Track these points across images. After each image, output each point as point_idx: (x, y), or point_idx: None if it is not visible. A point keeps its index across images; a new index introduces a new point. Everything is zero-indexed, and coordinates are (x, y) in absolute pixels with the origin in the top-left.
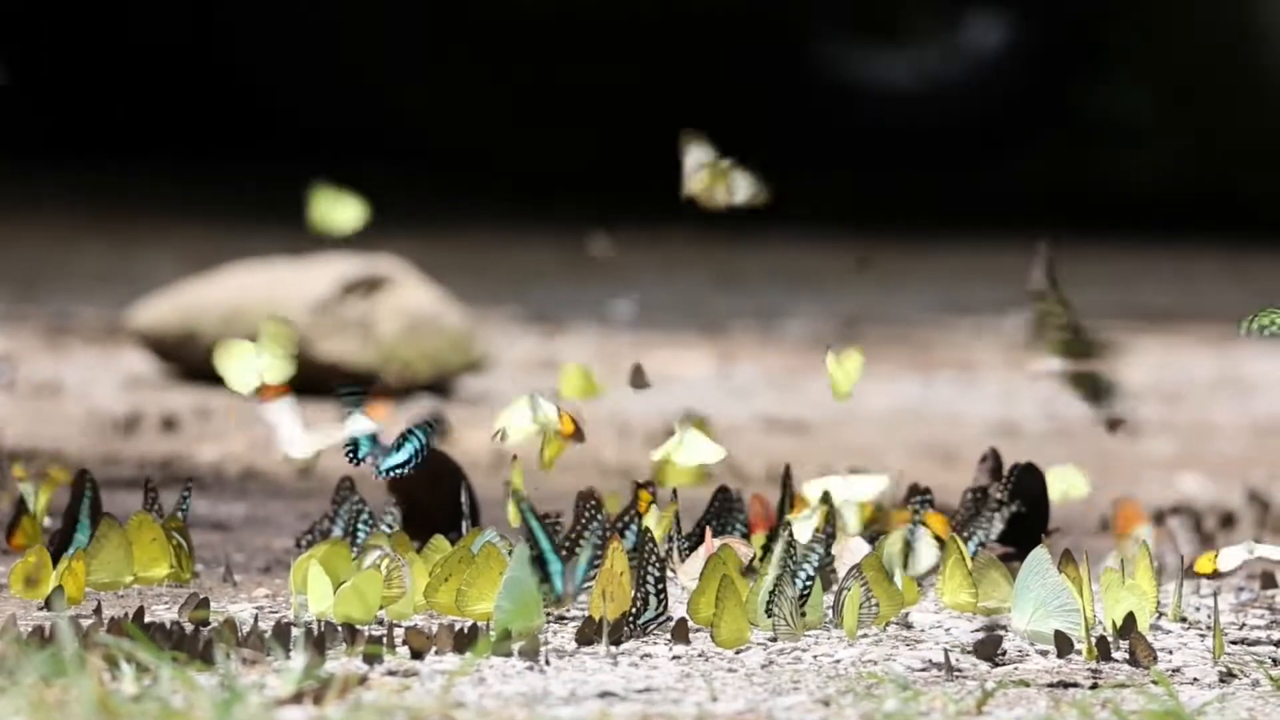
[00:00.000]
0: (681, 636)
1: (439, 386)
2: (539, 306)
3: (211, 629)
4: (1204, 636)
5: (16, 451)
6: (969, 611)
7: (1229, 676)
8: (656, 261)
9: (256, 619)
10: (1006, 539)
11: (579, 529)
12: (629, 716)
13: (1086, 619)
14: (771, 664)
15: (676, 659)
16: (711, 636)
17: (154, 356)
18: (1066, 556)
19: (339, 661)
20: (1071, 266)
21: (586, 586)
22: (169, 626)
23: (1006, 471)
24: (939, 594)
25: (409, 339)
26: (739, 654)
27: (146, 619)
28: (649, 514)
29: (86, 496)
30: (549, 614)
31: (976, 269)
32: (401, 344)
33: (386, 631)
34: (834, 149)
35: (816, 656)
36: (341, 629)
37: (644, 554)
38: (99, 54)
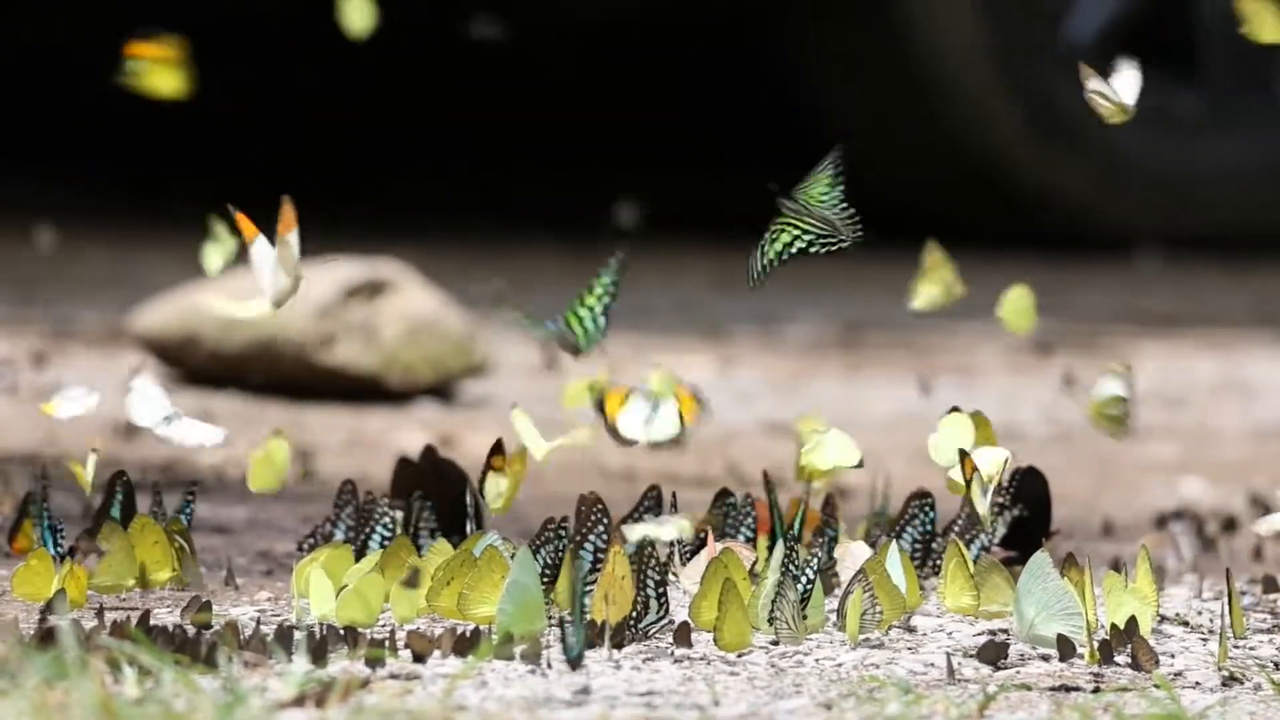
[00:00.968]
0: (684, 640)
1: (441, 390)
2: (539, 309)
3: (214, 632)
4: (1205, 640)
5: (15, 455)
6: (971, 615)
7: (1231, 680)
8: (656, 265)
9: (259, 622)
10: (1008, 543)
11: (582, 533)
12: None
13: (1089, 623)
14: (774, 667)
15: (678, 662)
16: (714, 640)
17: (156, 360)
18: (1068, 560)
19: (341, 665)
20: (1075, 270)
21: (588, 590)
22: (171, 629)
23: (1008, 476)
24: (941, 598)
25: (411, 343)
26: (741, 657)
27: (147, 622)
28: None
29: (118, 497)
30: (551, 618)
31: (977, 273)
32: (403, 348)
33: (388, 635)
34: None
35: (819, 660)
36: (344, 632)
37: (644, 558)
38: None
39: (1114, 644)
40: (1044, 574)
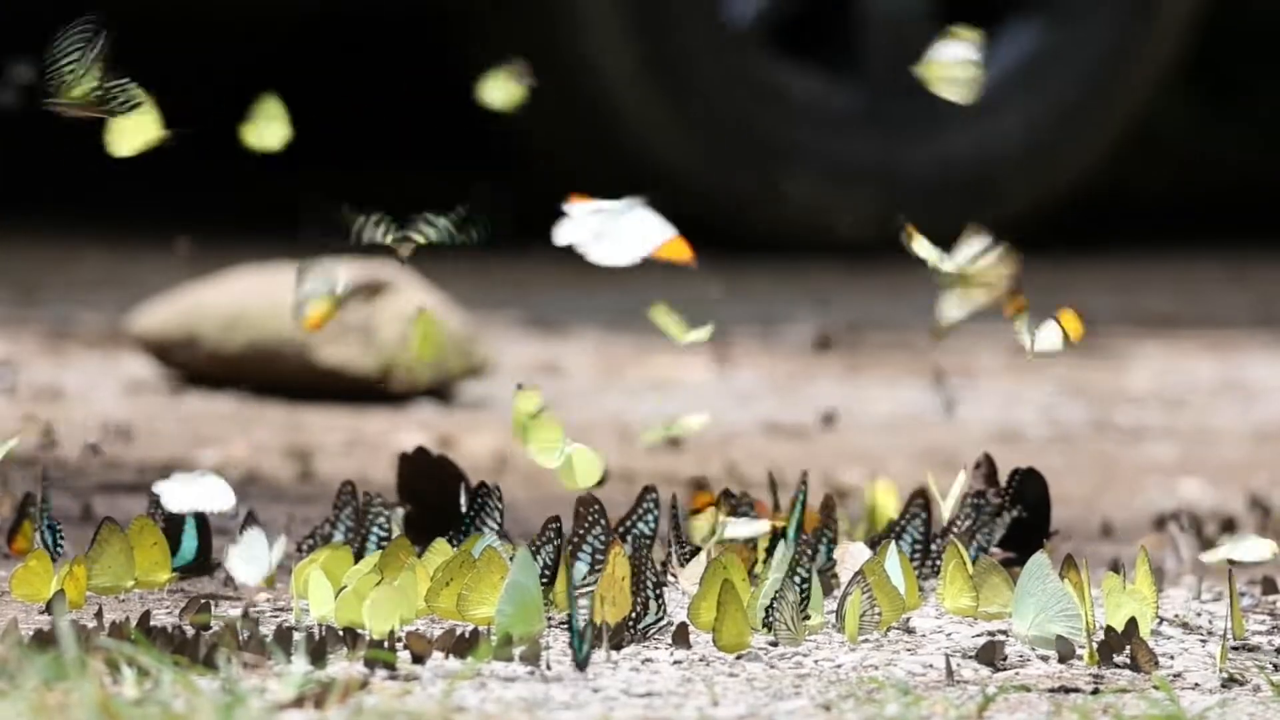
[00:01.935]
0: (682, 641)
1: (440, 391)
2: (540, 311)
3: (213, 633)
4: (1205, 642)
5: (14, 457)
6: (970, 616)
7: (1230, 682)
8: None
9: (258, 623)
10: (1007, 544)
11: (580, 534)
12: None
13: (1088, 624)
14: (773, 669)
15: (678, 664)
16: (713, 641)
17: (155, 361)
18: (1068, 561)
19: (340, 665)
20: (1072, 271)
21: (587, 591)
22: (170, 630)
23: (1007, 477)
24: (940, 599)
25: (410, 343)
26: (740, 659)
27: (146, 623)
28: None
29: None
30: (550, 619)
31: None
32: (403, 348)
33: (388, 636)
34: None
35: (818, 661)
36: (343, 633)
37: (642, 559)
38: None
39: (1113, 645)
40: (1043, 575)
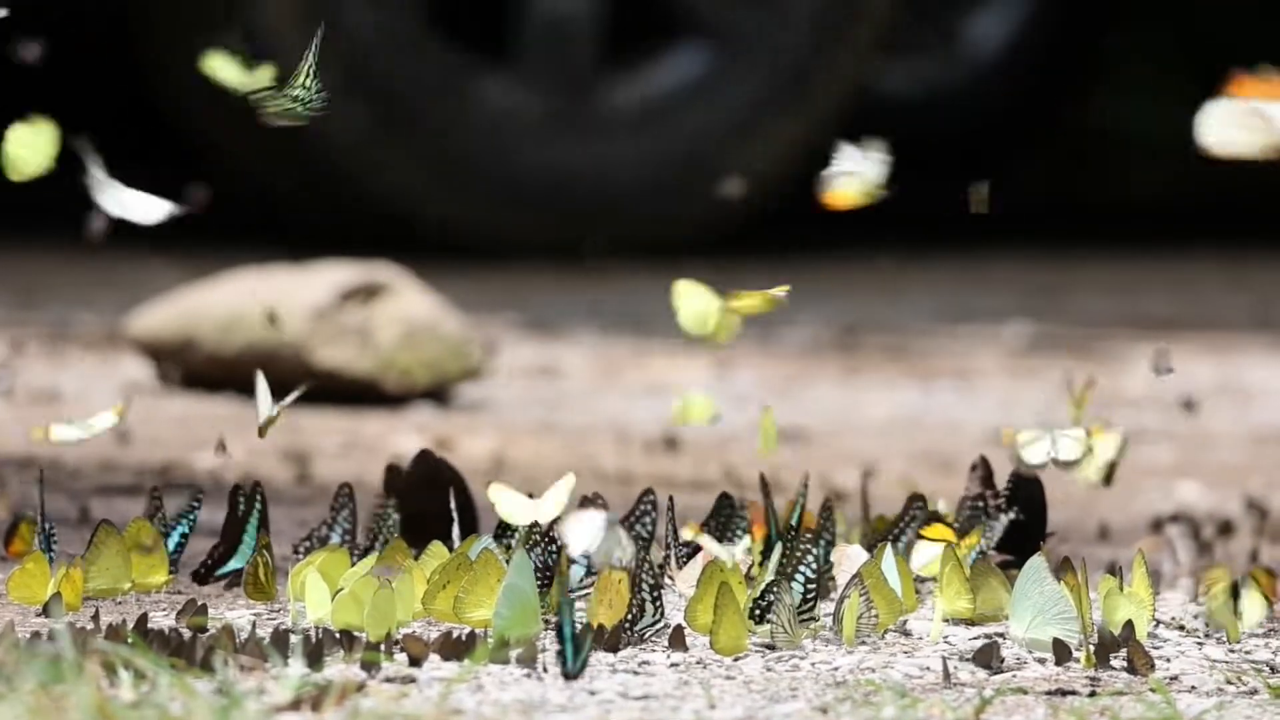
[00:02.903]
0: (679, 643)
1: (437, 394)
2: (537, 313)
3: (209, 636)
4: (1201, 644)
5: (11, 459)
6: (967, 619)
7: (1227, 685)
8: (655, 267)
9: (254, 626)
10: (1004, 546)
11: None
12: None
13: (1085, 627)
14: (770, 671)
15: (674, 666)
16: (710, 643)
17: (153, 363)
18: (1065, 564)
19: (337, 668)
20: (1074, 273)
21: (583, 594)
22: (167, 633)
23: (1007, 479)
24: (937, 599)
25: (407, 346)
26: (737, 661)
27: (143, 626)
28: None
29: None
30: (547, 621)
31: (975, 277)
32: (400, 351)
33: (385, 638)
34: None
35: (814, 664)
36: (340, 636)
37: (640, 561)
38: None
39: (1110, 648)
40: (1040, 578)
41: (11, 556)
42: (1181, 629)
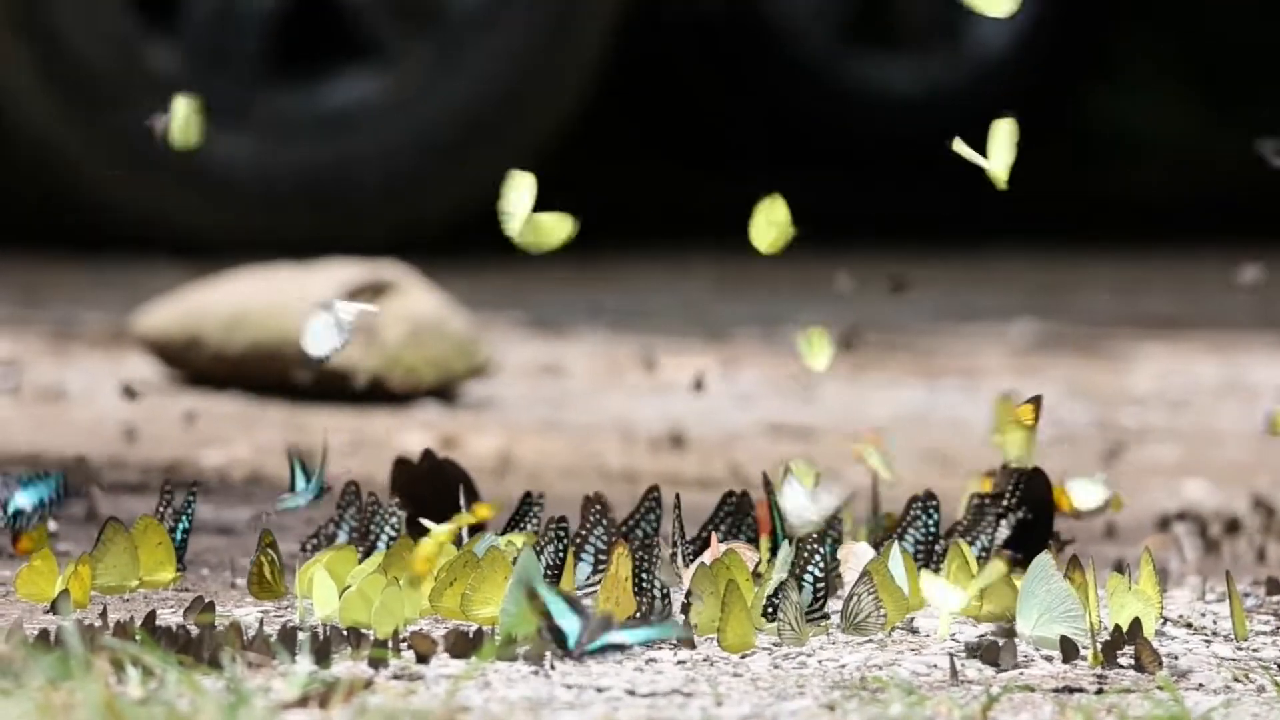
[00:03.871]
0: (686, 641)
1: (443, 392)
2: (542, 312)
3: (217, 633)
4: (1209, 642)
5: (19, 456)
6: (974, 616)
7: (1235, 683)
8: (656, 267)
9: (262, 623)
10: (1012, 545)
11: (584, 534)
12: None
13: (1092, 624)
14: (777, 669)
15: (681, 663)
16: (717, 641)
17: (158, 361)
18: (1072, 562)
19: (345, 665)
20: (1078, 272)
21: (590, 591)
22: (175, 630)
23: (1014, 479)
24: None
25: (413, 344)
26: (744, 659)
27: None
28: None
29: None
30: None
31: (979, 276)
32: (405, 349)
33: (392, 635)
34: (833, 156)
35: (821, 661)
36: (347, 633)
37: (648, 559)
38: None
39: (1117, 645)
40: (1047, 576)
41: (19, 554)
42: (1189, 627)
